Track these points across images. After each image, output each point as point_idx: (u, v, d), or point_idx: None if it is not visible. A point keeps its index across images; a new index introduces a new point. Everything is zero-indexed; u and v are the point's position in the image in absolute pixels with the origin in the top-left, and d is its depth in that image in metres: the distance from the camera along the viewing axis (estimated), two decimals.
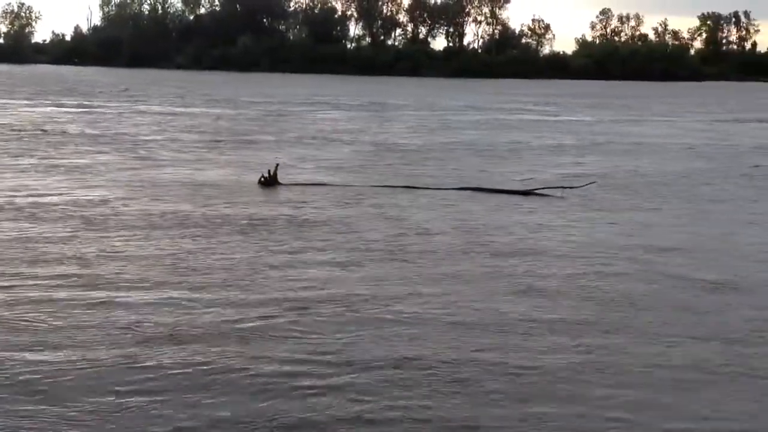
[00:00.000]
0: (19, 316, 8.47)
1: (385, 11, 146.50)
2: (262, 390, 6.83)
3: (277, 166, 18.32)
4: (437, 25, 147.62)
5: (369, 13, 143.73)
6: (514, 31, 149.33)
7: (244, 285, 9.82)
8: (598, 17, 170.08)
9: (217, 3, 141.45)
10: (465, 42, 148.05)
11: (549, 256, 11.85)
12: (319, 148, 25.88)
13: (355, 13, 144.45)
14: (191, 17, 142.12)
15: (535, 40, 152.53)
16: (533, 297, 9.74)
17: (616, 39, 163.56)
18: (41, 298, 9.09)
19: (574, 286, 10.25)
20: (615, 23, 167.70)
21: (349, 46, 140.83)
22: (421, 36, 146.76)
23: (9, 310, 8.67)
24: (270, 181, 17.85)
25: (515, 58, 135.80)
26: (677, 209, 16.38)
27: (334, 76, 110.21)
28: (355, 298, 9.40)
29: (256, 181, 17.93)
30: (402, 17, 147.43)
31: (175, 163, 21.27)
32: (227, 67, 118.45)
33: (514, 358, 7.72)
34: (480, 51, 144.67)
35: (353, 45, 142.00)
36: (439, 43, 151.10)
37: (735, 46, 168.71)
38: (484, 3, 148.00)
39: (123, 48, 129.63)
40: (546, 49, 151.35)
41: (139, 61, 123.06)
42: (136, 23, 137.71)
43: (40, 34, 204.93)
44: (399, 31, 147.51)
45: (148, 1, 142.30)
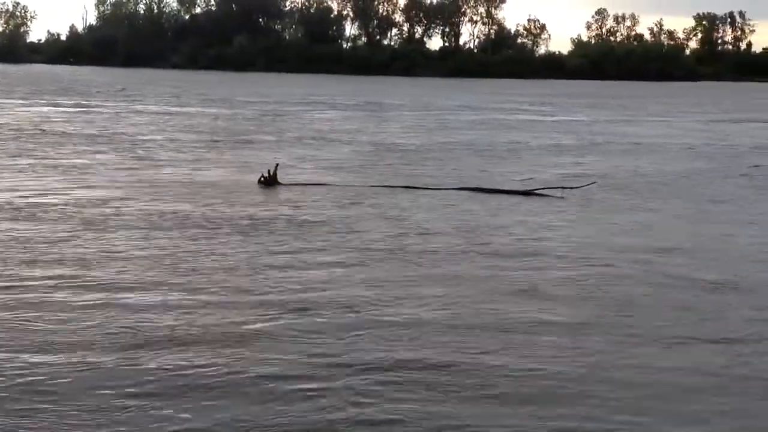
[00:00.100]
0: (19, 318, 8.43)
1: (380, 11, 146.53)
2: (261, 392, 6.80)
3: (276, 166, 18.28)
4: (433, 25, 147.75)
5: (365, 13, 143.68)
6: (509, 31, 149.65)
7: (244, 286, 9.78)
8: (593, 17, 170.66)
9: (212, 2, 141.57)
10: (461, 42, 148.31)
11: (550, 256, 11.81)
12: (318, 148, 25.85)
13: (350, 13, 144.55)
14: (187, 17, 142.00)
15: (531, 40, 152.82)
16: (534, 298, 9.70)
17: (612, 39, 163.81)
18: (41, 300, 9.04)
19: (575, 288, 10.22)
20: (610, 23, 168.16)
21: (344, 45, 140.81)
22: (417, 36, 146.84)
23: (8, 311, 8.62)
24: (270, 181, 17.81)
25: (511, 58, 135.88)
26: (678, 209, 16.37)
27: (330, 75, 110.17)
28: (355, 300, 9.37)
29: (255, 181, 17.89)
30: (398, 17, 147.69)
31: (173, 163, 21.23)
32: (223, 67, 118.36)
33: (514, 360, 7.68)
34: (476, 51, 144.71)
35: (349, 45, 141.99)
36: (434, 42, 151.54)
37: (730, 47, 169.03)
38: (479, 3, 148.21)
39: (118, 47, 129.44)
40: (542, 49, 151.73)
41: (134, 61, 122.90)
42: (132, 23, 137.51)
43: (36, 34, 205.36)
44: (395, 30, 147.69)
45: (144, 1, 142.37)
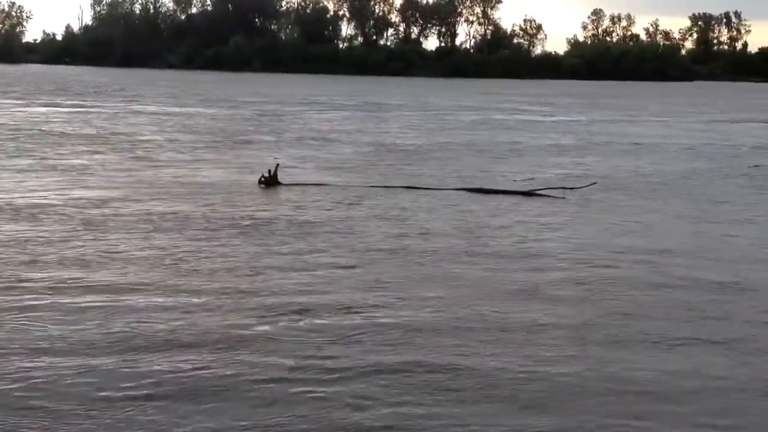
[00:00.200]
0: (18, 319, 8.35)
1: (377, 11, 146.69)
2: (261, 395, 6.74)
3: (277, 166, 18.23)
4: (429, 25, 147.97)
5: (361, 13, 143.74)
6: (505, 31, 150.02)
7: (244, 288, 9.70)
8: (589, 17, 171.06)
9: (208, 3, 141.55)
10: (457, 42, 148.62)
11: (550, 257, 11.74)
12: (318, 149, 25.78)
13: (347, 13, 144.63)
14: (183, 17, 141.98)
15: (527, 40, 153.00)
16: (535, 300, 9.62)
17: (608, 39, 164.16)
18: (40, 301, 8.96)
19: (576, 289, 10.15)
20: (606, 23, 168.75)
21: (341, 46, 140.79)
22: (413, 36, 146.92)
23: (8, 313, 8.54)
24: (270, 181, 17.75)
25: (507, 58, 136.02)
26: (678, 209, 16.33)
27: (327, 76, 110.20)
28: (356, 301, 9.30)
29: (256, 181, 17.82)
30: (394, 17, 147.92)
31: (173, 163, 21.14)
32: (219, 67, 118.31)
33: (515, 362, 7.60)
34: (472, 51, 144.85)
35: (345, 45, 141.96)
36: (431, 43, 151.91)
37: (726, 47, 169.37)
38: (476, 3, 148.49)
39: (114, 47, 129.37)
40: (538, 49, 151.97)
41: (130, 61, 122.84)
42: (128, 23, 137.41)
43: (31, 34, 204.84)
44: (391, 31, 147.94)
45: (140, 1, 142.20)
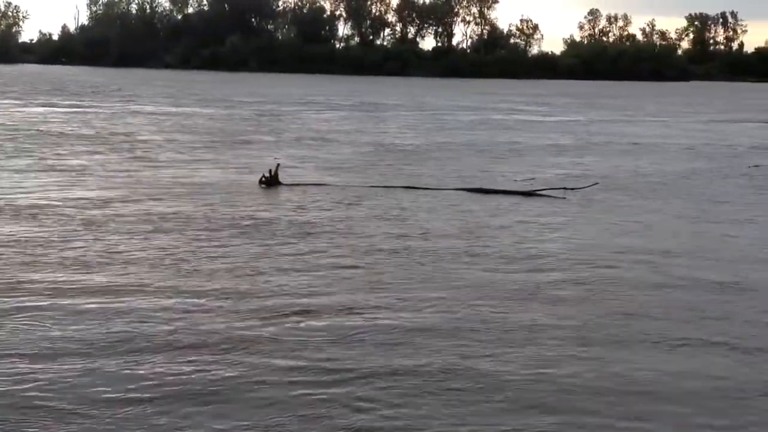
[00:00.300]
0: (17, 322, 8.30)
1: (373, 11, 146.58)
2: (261, 397, 6.71)
3: (278, 166, 18.21)
4: (426, 25, 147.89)
5: (358, 13, 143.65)
6: (502, 31, 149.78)
7: (245, 289, 9.65)
8: (586, 17, 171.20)
9: (205, 2, 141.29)
10: (454, 42, 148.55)
11: (552, 258, 11.69)
12: (317, 149, 25.75)
13: (343, 13, 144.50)
14: (179, 17, 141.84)
15: (524, 40, 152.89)
16: (536, 301, 9.57)
17: (604, 39, 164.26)
18: (40, 303, 8.90)
19: (577, 290, 10.10)
20: (603, 23, 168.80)
21: (337, 45, 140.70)
22: (409, 36, 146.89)
23: (8, 314, 8.49)
24: (271, 181, 17.72)
25: (504, 58, 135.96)
26: (679, 210, 16.32)
27: (324, 75, 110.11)
28: (357, 303, 9.25)
29: (256, 181, 17.79)
30: (391, 17, 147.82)
31: (173, 163, 21.09)
32: (216, 67, 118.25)
33: (517, 365, 7.56)
34: (468, 51, 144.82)
35: (342, 45, 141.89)
36: (427, 43, 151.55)
37: (722, 47, 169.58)
38: (472, 3, 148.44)
39: (111, 47, 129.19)
40: (534, 49, 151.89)
41: (126, 61, 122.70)
42: (124, 23, 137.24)
43: (28, 34, 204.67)
44: (388, 30, 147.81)
45: (136, 1, 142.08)
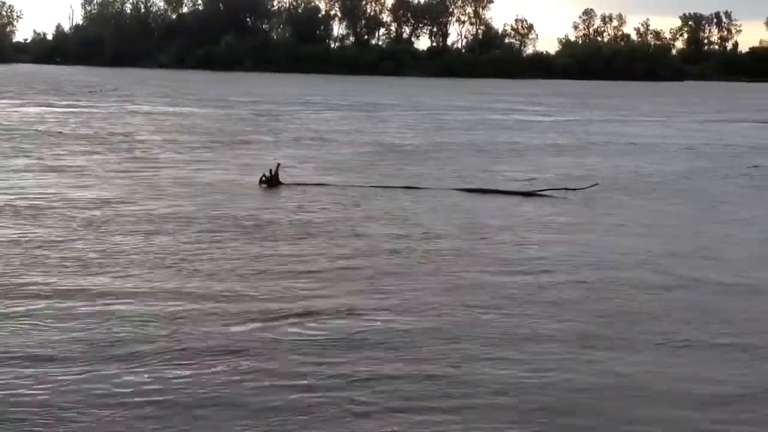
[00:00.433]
0: (17, 325, 8.25)
1: (368, 11, 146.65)
2: (261, 402, 6.66)
3: (278, 165, 18.15)
4: (421, 25, 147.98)
5: (353, 13, 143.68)
6: (497, 31, 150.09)
7: (246, 292, 9.57)
8: (580, 17, 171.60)
9: (200, 2, 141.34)
10: (448, 42, 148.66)
11: (553, 260, 11.58)
12: (316, 149, 25.71)
13: (338, 13, 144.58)
14: (174, 16, 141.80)
15: (519, 40, 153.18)
16: (538, 303, 9.47)
17: (599, 39, 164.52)
18: (39, 306, 8.84)
19: (579, 291, 10.01)
20: (598, 23, 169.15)
21: (332, 45, 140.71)
22: (404, 36, 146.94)
23: (7, 318, 8.43)
24: (271, 181, 17.67)
25: (499, 57, 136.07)
26: (681, 210, 16.31)
27: (319, 75, 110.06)
28: (357, 306, 9.16)
29: (256, 181, 17.72)
30: (385, 17, 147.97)
31: (173, 163, 21.01)
32: (210, 67, 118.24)
33: (518, 370, 7.48)
34: (463, 51, 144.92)
35: (337, 44, 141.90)
36: (422, 42, 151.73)
37: (716, 46, 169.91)
38: (467, 3, 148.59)
39: (105, 47, 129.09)
40: (529, 49, 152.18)
41: (121, 60, 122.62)
42: (119, 22, 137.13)
43: (22, 33, 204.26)
44: (383, 30, 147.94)
45: (131, 0, 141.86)
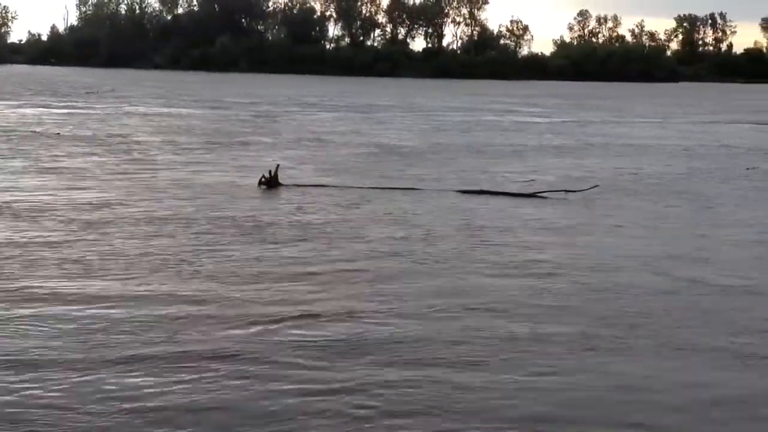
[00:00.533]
0: (16, 328, 8.19)
1: (364, 12, 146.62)
2: (261, 407, 6.62)
3: (277, 166, 18.11)
4: (416, 26, 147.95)
5: (348, 14, 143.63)
6: (492, 32, 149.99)
7: (246, 295, 9.51)
8: (575, 18, 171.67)
9: (195, 3, 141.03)
10: (444, 43, 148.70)
11: (554, 262, 11.51)
12: (315, 150, 25.67)
13: (333, 14, 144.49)
14: (169, 17, 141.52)
15: (514, 41, 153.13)
16: (539, 307, 9.40)
17: (594, 40, 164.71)
18: (38, 310, 8.76)
19: (580, 295, 9.97)
20: (593, 24, 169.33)
21: (328, 46, 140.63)
22: (400, 37, 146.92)
23: (6, 321, 8.37)
24: (270, 182, 17.62)
25: (494, 59, 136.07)
26: (681, 212, 16.30)
27: (314, 76, 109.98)
28: (357, 310, 9.10)
29: (256, 182, 17.67)
30: (381, 18, 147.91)
31: (171, 165, 20.95)
32: (205, 68, 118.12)
33: (520, 373, 7.44)
34: (459, 52, 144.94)
35: (332, 45, 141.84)
36: (418, 43, 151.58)
37: (711, 48, 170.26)
38: (462, 4, 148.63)
39: (100, 48, 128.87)
40: (524, 50, 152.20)
41: (116, 61, 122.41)
42: (114, 23, 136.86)
43: (16, 34, 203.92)
44: (378, 31, 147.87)
45: (126, 1, 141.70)
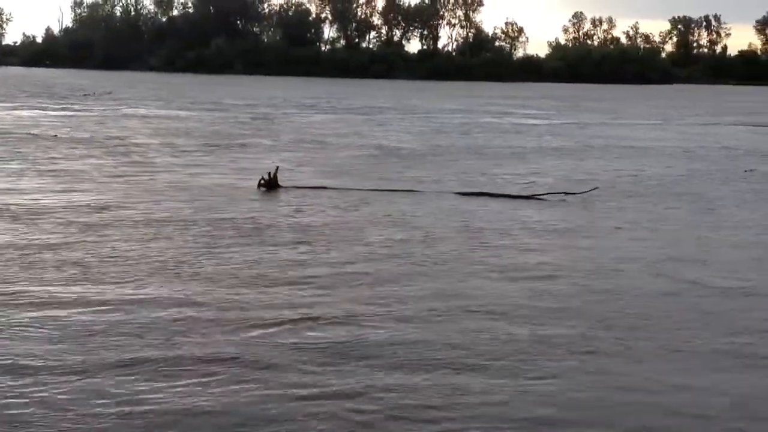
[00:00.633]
0: (15, 332, 8.12)
1: (359, 14, 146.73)
2: (260, 413, 6.56)
3: (277, 168, 18.07)
4: (411, 28, 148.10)
5: (343, 16, 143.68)
6: (487, 34, 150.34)
7: (246, 299, 9.44)
8: (570, 20, 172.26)
9: (190, 5, 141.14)
10: (439, 45, 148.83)
11: (554, 265, 11.46)
12: (315, 152, 25.64)
13: (329, 16, 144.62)
14: (164, 19, 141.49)
15: (509, 43, 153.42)
16: (540, 310, 9.34)
17: (589, 42, 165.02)
18: (37, 315, 8.68)
19: (581, 297, 9.91)
20: (588, 26, 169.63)
21: (323, 48, 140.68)
22: (395, 38, 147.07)
23: (4, 325, 8.29)
24: (270, 184, 17.58)
25: (489, 60, 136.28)
26: (682, 213, 16.26)
27: (310, 78, 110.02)
28: (357, 313, 9.05)
29: (255, 184, 17.63)
30: (376, 20, 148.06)
31: (170, 167, 20.88)
32: (200, 70, 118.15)
33: (521, 378, 7.39)
34: (454, 53, 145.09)
35: (327, 47, 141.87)
36: (413, 45, 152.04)
37: (705, 50, 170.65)
38: (458, 6, 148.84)
39: (95, 50, 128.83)
40: (519, 52, 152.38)
41: (111, 63, 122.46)
42: (109, 25, 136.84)
43: (11, 36, 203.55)
44: (373, 33, 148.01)
45: (121, 3, 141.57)
